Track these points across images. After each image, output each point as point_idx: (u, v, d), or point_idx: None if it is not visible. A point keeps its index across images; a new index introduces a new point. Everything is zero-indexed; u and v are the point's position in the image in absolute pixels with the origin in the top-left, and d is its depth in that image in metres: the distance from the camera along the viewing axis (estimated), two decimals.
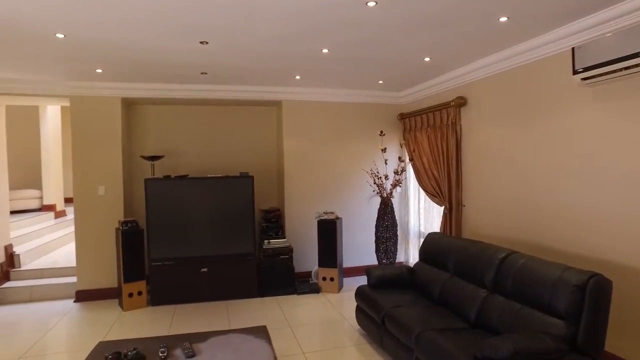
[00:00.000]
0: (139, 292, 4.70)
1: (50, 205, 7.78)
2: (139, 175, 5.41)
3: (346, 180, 5.81)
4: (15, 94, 4.84)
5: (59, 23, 3.00)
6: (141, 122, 5.49)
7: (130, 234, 4.64)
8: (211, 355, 2.69)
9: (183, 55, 3.88)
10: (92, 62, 4.03)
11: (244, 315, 4.47)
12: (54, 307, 4.82)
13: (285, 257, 5.12)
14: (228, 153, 5.71)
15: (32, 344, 3.86)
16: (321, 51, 3.82)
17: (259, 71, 4.54)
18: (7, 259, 5.25)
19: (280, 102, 5.59)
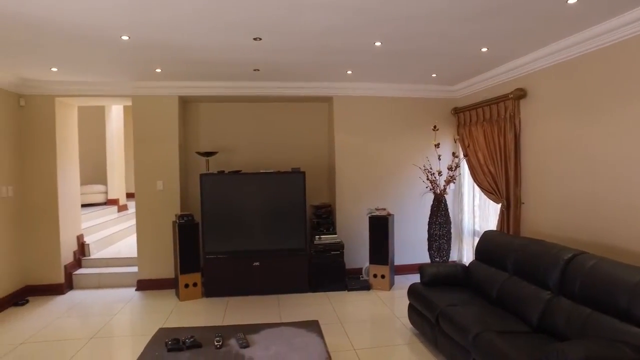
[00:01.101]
0: (194, 284, 4.88)
1: (114, 200, 8.29)
2: (195, 171, 5.61)
3: (398, 177, 5.70)
4: (85, 96, 5.17)
5: (124, 25, 3.16)
6: (196, 120, 5.69)
7: (186, 227, 4.82)
8: (264, 346, 2.73)
9: (237, 53, 3.96)
10: (152, 62, 4.22)
11: (294, 309, 4.52)
12: (118, 294, 5.12)
13: (336, 253, 5.11)
14: (280, 149, 5.79)
15: (101, 326, 4.12)
16: (374, 44, 3.76)
17: (310, 67, 4.56)
18: (79, 248, 5.65)
19: (331, 98, 5.58)
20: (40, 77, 4.83)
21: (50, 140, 5.13)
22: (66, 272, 5.27)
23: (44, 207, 5.13)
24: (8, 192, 4.81)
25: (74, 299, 4.98)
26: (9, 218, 4.84)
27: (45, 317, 4.39)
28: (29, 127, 5.09)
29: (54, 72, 4.56)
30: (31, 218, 5.11)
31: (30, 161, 5.09)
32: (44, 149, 5.12)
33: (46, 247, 5.15)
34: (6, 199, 4.78)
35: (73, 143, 5.66)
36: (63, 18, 3.00)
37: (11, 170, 4.88)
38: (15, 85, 4.87)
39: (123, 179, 8.63)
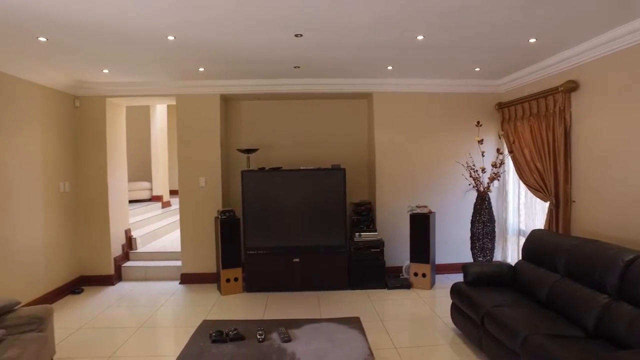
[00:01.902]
0: (235, 279, 4.98)
1: (158, 196, 8.61)
2: (236, 168, 5.72)
3: (440, 174, 5.58)
4: (133, 96, 5.40)
5: (171, 26, 3.26)
6: (237, 117, 5.80)
7: (228, 223, 4.93)
8: (306, 341, 2.74)
9: (278, 50, 3.99)
10: (196, 61, 4.33)
11: (334, 306, 4.52)
12: (163, 287, 5.32)
13: (376, 250, 5.07)
14: (319, 146, 5.80)
15: (148, 316, 4.29)
16: (416, 38, 3.69)
17: (351, 63, 4.53)
18: (127, 242, 5.92)
19: (371, 95, 5.53)
20: (92, 79, 5.07)
21: (101, 139, 5.39)
22: (116, 264, 5.52)
23: (95, 202, 5.40)
24: (65, 188, 5.10)
25: (122, 290, 5.22)
26: (66, 212, 5.13)
27: (98, 306, 4.63)
28: (83, 127, 5.37)
29: (105, 74, 4.78)
30: (85, 212, 5.39)
31: (83, 159, 5.37)
32: (96, 147, 5.38)
33: (98, 240, 5.42)
34: (63, 195, 5.07)
35: (121, 142, 5.92)
36: (115, 22, 3.13)
37: (68, 167, 5.17)
38: (71, 87, 5.15)
39: (167, 177, 8.94)
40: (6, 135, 4.11)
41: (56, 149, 4.93)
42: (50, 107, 4.82)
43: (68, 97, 5.20)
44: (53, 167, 4.86)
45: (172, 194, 9.25)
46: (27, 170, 4.40)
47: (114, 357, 3.41)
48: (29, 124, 4.44)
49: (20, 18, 3.05)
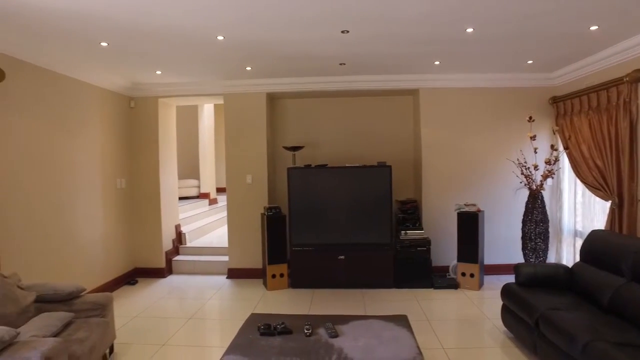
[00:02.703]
0: (281, 274, 5.06)
1: (206, 194, 8.89)
2: (281, 165, 5.81)
3: (489, 171, 5.39)
4: (183, 95, 5.61)
5: (220, 25, 3.35)
6: (283, 115, 5.88)
7: (274, 219, 5.01)
8: (353, 337, 2.73)
9: (324, 47, 4.00)
10: (243, 60, 4.43)
11: (379, 304, 4.48)
12: (211, 281, 5.48)
13: (423, 249, 4.97)
14: (364, 143, 5.77)
15: (197, 309, 4.44)
16: (465, 31, 3.58)
17: (397, 59, 4.47)
18: (177, 237, 6.16)
19: (417, 91, 5.43)
20: (146, 80, 5.31)
21: (154, 137, 5.63)
22: (166, 257, 5.76)
23: (148, 198, 5.66)
24: (122, 184, 5.38)
25: (172, 283, 5.44)
26: (123, 207, 5.42)
27: (150, 297, 4.85)
28: (137, 126, 5.64)
29: (158, 75, 5.00)
30: (138, 208, 5.67)
31: (137, 157, 5.64)
32: (148, 146, 5.64)
33: (151, 234, 5.67)
34: (120, 191, 5.35)
35: (172, 140, 6.16)
36: (169, 24, 3.26)
37: (123, 165, 5.45)
38: (127, 88, 5.42)
39: (214, 174, 9.22)
40: (72, 135, 4.39)
41: (113, 148, 5.21)
42: (108, 108, 5.11)
43: (124, 99, 5.48)
44: (110, 164, 5.14)
45: (218, 192, 9.53)
46: (88, 168, 4.68)
47: (167, 345, 3.56)
48: (90, 125, 4.73)
49: (86, 25, 3.24)
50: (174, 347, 3.53)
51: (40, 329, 2.62)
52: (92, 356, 2.85)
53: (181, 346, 3.56)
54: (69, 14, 3.03)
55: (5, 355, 2.25)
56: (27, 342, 2.36)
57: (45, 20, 3.14)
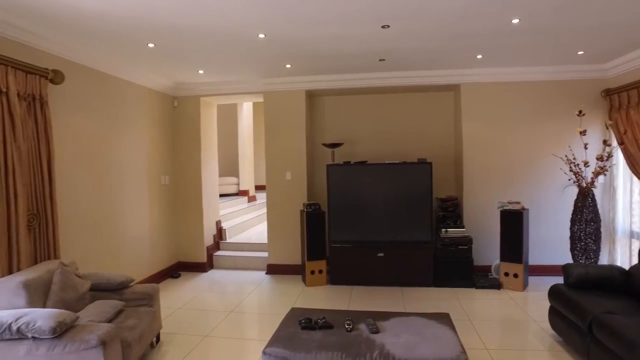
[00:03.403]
0: (320, 271, 5.08)
1: (245, 191, 9.07)
2: (320, 162, 5.84)
3: (534, 168, 5.18)
4: (224, 94, 5.74)
5: (261, 23, 3.41)
6: (322, 112, 5.90)
7: (313, 215, 5.04)
8: (394, 334, 2.70)
9: (364, 43, 3.99)
10: (283, 58, 4.48)
11: (419, 302, 4.41)
12: (251, 276, 5.59)
13: (464, 247, 4.85)
14: (404, 140, 5.69)
15: (237, 303, 4.54)
16: (511, 22, 3.46)
17: (438, 54, 4.39)
18: (217, 232, 6.32)
19: (458, 86, 5.30)
20: (189, 80, 5.48)
21: (196, 136, 5.80)
22: (208, 252, 5.92)
23: (191, 194, 5.84)
24: (165, 181, 5.59)
25: (214, 277, 5.58)
26: (166, 203, 5.62)
27: (193, 290, 5.00)
28: (180, 125, 5.83)
29: (201, 75, 5.14)
30: (181, 204, 5.86)
31: (180, 154, 5.84)
32: (191, 144, 5.81)
33: (193, 229, 5.85)
34: (164, 187, 5.56)
35: (213, 138, 6.32)
36: (212, 24, 3.35)
37: (167, 162, 5.65)
38: (171, 88, 5.62)
39: (252, 172, 9.39)
40: (121, 134, 4.60)
41: (158, 146, 5.41)
42: (153, 107, 5.31)
43: (168, 98, 5.68)
44: (155, 162, 5.34)
45: (257, 189, 9.69)
46: (135, 165, 4.88)
47: (209, 336, 3.66)
48: (137, 123, 4.93)
49: (134, 28, 3.39)
50: (216, 339, 3.62)
51: (96, 315, 2.77)
52: (141, 343, 2.97)
53: (223, 338, 3.65)
54: (120, 18, 3.17)
55: (68, 336, 2.39)
56: (85, 325, 2.50)
57: (98, 25, 3.30)
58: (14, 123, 3.04)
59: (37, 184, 3.28)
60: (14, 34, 3.21)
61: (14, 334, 2.33)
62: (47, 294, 2.81)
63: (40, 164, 3.31)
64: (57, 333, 2.35)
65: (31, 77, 3.23)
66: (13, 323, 2.33)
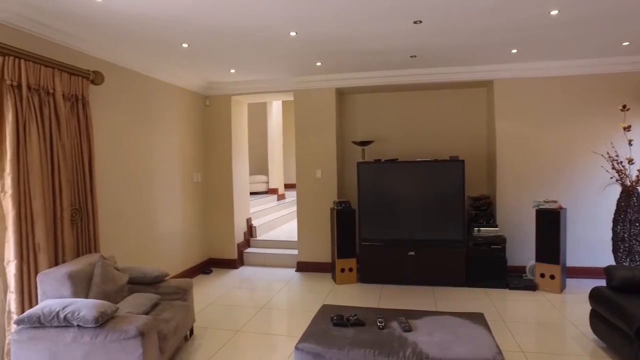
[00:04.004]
0: (350, 269, 5.07)
1: (274, 189, 9.15)
2: (350, 160, 5.83)
3: (571, 166, 4.99)
4: (254, 93, 5.82)
5: (293, 21, 3.43)
6: (352, 110, 5.89)
7: (344, 213, 5.03)
8: (427, 332, 2.66)
9: (395, 39, 3.95)
10: (314, 56, 4.49)
11: (451, 302, 4.34)
12: (280, 273, 5.64)
13: (497, 247, 4.73)
14: (435, 137, 5.61)
15: (268, 299, 4.59)
16: (549, 14, 3.34)
17: (470, 49, 4.30)
18: (248, 230, 6.41)
19: (491, 82, 5.17)
20: (220, 79, 5.58)
21: (227, 134, 5.90)
22: (238, 249, 6.01)
23: (222, 192, 5.94)
24: (198, 179, 5.71)
25: (244, 274, 5.66)
26: (199, 200, 5.75)
27: (224, 286, 5.09)
28: (212, 124, 5.94)
29: (232, 74, 5.22)
30: (213, 201, 5.97)
31: (212, 152, 5.95)
32: (222, 142, 5.92)
33: (224, 226, 5.96)
34: (196, 185, 5.68)
35: (244, 137, 6.41)
36: (244, 22, 3.39)
37: (199, 160, 5.78)
38: (203, 87, 5.74)
39: (282, 171, 9.46)
40: (155, 132, 4.73)
41: (190, 144, 5.53)
42: (186, 106, 5.43)
43: (200, 97, 5.80)
44: (188, 159, 5.47)
45: (286, 188, 9.77)
46: (168, 162, 5.01)
47: (241, 331, 3.72)
48: (170, 122, 5.06)
49: (170, 29, 3.47)
50: (247, 334, 3.68)
51: (133, 307, 2.86)
52: (176, 335, 3.05)
53: (254, 333, 3.70)
54: (156, 19, 3.26)
55: (109, 326, 2.49)
56: (125, 317, 2.59)
57: (135, 27, 3.41)
58: (59, 122, 3.18)
59: (79, 180, 3.41)
60: (58, 37, 3.36)
61: (61, 321, 2.44)
62: (89, 285, 2.93)
63: (82, 161, 3.44)
64: (99, 322, 2.45)
65: (74, 79, 3.36)
66: (60, 311, 2.44)
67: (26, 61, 2.91)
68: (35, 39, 3.19)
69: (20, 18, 3.02)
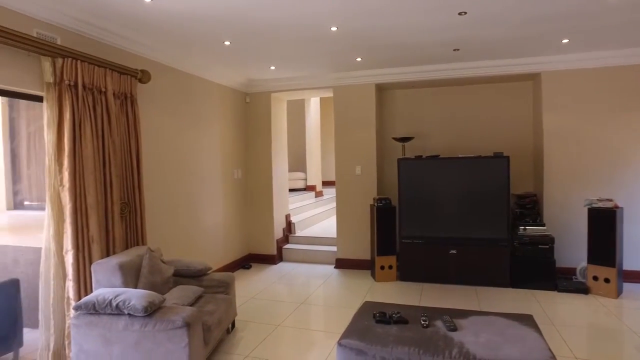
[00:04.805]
0: (390, 266, 5.00)
1: (312, 186, 9.19)
2: (390, 156, 5.76)
3: (627, 162, 4.69)
4: (294, 90, 5.85)
5: (335, 16, 3.40)
6: (392, 106, 5.81)
7: (384, 210, 4.97)
8: (474, 332, 2.58)
9: (438, 32, 3.85)
10: (354, 51, 4.45)
11: (494, 303, 4.19)
12: (319, 269, 5.65)
13: (545, 247, 4.53)
14: (478, 133, 5.44)
15: (307, 295, 4.61)
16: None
17: (517, 40, 4.12)
18: (287, 226, 6.47)
19: (538, 75, 4.94)
20: (261, 77, 5.65)
21: (266, 131, 5.97)
22: (277, 245, 6.08)
23: (262, 188, 6.02)
24: (238, 175, 5.82)
25: (283, 269, 5.71)
26: (239, 196, 5.85)
27: (264, 281, 5.16)
28: (252, 120, 6.03)
29: (272, 71, 5.27)
30: (252, 197, 6.07)
31: (252, 149, 6.04)
32: (262, 139, 5.99)
33: (263, 222, 6.04)
34: (236, 181, 5.79)
35: (283, 134, 6.47)
36: (283, 18, 3.40)
37: (239, 157, 5.88)
38: (243, 85, 5.83)
39: (319, 168, 9.48)
40: (198, 129, 4.86)
41: (231, 141, 5.64)
42: (227, 104, 5.54)
43: (240, 95, 5.90)
44: (229, 156, 5.58)
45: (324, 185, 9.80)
46: (210, 159, 5.13)
47: (282, 326, 3.75)
48: (212, 119, 5.17)
49: (213, 26, 3.54)
50: (288, 329, 3.70)
51: (179, 298, 2.94)
52: (219, 327, 3.12)
53: (294, 328, 3.72)
54: (200, 16, 3.33)
55: (157, 316, 2.57)
56: (171, 307, 2.68)
57: (179, 25, 3.50)
58: (110, 120, 3.32)
59: (127, 175, 3.55)
60: (108, 38, 3.51)
61: (114, 309, 2.55)
62: (138, 276, 3.04)
63: (130, 157, 3.58)
64: (148, 312, 2.54)
65: (124, 78, 3.50)
66: (113, 299, 2.55)
67: (82, 62, 3.05)
68: (88, 40, 3.35)
69: (76, 21, 3.18)
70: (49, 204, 2.94)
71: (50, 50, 2.88)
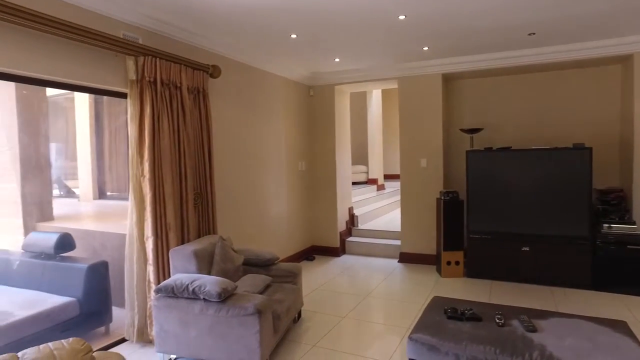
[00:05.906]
0: (457, 262, 4.82)
1: (374, 179, 9.09)
2: (457, 148, 5.53)
3: None
4: (357, 82, 5.79)
5: (403, 3, 3.30)
6: (459, 97, 5.56)
7: (451, 204, 4.79)
8: (557, 336, 2.40)
9: (512, 14, 3.60)
10: (421, 40, 4.30)
11: (574, 305, 3.89)
12: (383, 263, 5.58)
13: (634, 247, 4.12)
14: (555, 123, 5.05)
15: (372, 288, 4.57)
16: None
17: (602, 19, 3.74)
18: (349, 219, 6.45)
19: (630, 57, 4.47)
20: (325, 69, 5.65)
21: (330, 124, 5.97)
22: (340, 238, 6.08)
23: (325, 181, 6.05)
24: (302, 167, 5.89)
25: (346, 262, 5.71)
26: (303, 189, 5.93)
27: (327, 273, 5.19)
28: (316, 113, 6.06)
29: (336, 63, 5.25)
30: (316, 189, 6.11)
31: (316, 142, 6.08)
32: (326, 132, 6.01)
33: (327, 215, 6.07)
34: (301, 173, 5.86)
35: (346, 126, 6.44)
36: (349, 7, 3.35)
37: (304, 149, 5.94)
38: (307, 78, 5.87)
39: (381, 161, 9.35)
40: (263, 122, 4.97)
41: (295, 133, 5.71)
42: (292, 97, 5.61)
43: (304, 88, 5.95)
44: (293, 148, 5.65)
45: (385, 178, 9.66)
46: (276, 151, 5.23)
47: (347, 317, 3.75)
48: (277, 112, 5.27)
49: (279, 19, 3.58)
50: (353, 320, 3.69)
51: (250, 286, 3.04)
52: (288, 316, 3.18)
53: (359, 320, 3.70)
54: (267, 9, 3.38)
55: (230, 302, 2.67)
56: (243, 295, 2.77)
57: (247, 19, 3.57)
58: (185, 113, 3.49)
59: (200, 166, 3.71)
60: (181, 35, 3.68)
61: (190, 294, 2.69)
62: (211, 263, 3.18)
63: (202, 149, 3.74)
64: (222, 298, 2.64)
65: (196, 73, 3.65)
66: (189, 284, 2.69)
67: (160, 59, 3.23)
68: (164, 38, 3.53)
69: (154, 21, 3.36)
70: (131, 193, 3.15)
71: (134, 49, 3.07)
